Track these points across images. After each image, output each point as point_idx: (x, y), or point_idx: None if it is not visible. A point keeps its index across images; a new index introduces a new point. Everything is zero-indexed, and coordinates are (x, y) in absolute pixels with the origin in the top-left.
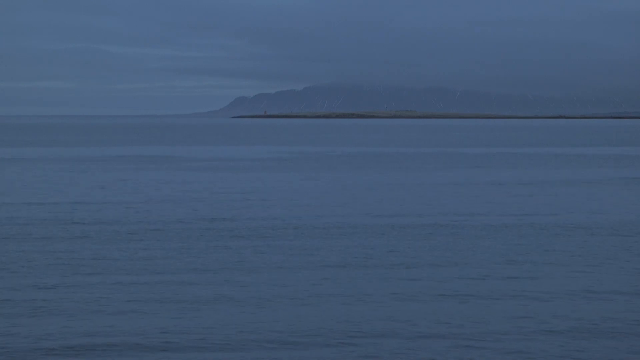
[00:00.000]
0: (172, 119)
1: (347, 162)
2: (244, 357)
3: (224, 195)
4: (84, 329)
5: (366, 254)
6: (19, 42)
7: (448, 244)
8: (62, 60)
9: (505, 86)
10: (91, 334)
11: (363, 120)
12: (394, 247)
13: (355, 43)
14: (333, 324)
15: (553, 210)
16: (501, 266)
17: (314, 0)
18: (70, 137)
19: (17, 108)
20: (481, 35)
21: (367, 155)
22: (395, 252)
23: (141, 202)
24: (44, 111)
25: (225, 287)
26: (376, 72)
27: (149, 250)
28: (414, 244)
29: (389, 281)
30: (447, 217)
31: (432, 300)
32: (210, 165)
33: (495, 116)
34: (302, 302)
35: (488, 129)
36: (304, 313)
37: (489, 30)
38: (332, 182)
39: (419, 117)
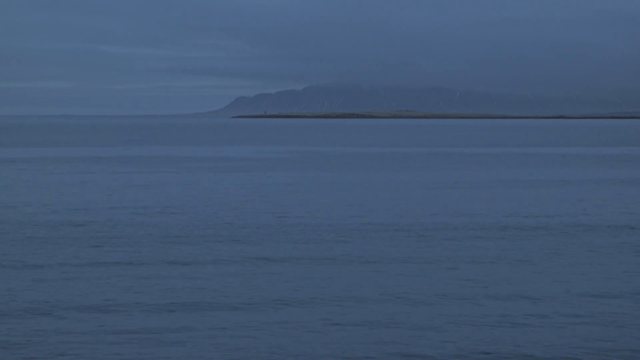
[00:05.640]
0: (172, 119)
1: (348, 162)
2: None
3: (229, 196)
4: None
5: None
6: (19, 42)
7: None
8: (62, 60)
9: (505, 86)
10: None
11: (363, 120)
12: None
13: (355, 43)
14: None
15: (556, 210)
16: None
17: (314, 0)
18: (72, 137)
19: (17, 108)
20: (481, 36)
21: (368, 155)
22: (398, 251)
23: (148, 205)
24: (44, 111)
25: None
26: (376, 72)
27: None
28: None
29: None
30: (449, 218)
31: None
32: (214, 165)
33: (495, 116)
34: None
35: (489, 128)
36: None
37: (488, 30)
38: (334, 182)
39: (419, 117)
